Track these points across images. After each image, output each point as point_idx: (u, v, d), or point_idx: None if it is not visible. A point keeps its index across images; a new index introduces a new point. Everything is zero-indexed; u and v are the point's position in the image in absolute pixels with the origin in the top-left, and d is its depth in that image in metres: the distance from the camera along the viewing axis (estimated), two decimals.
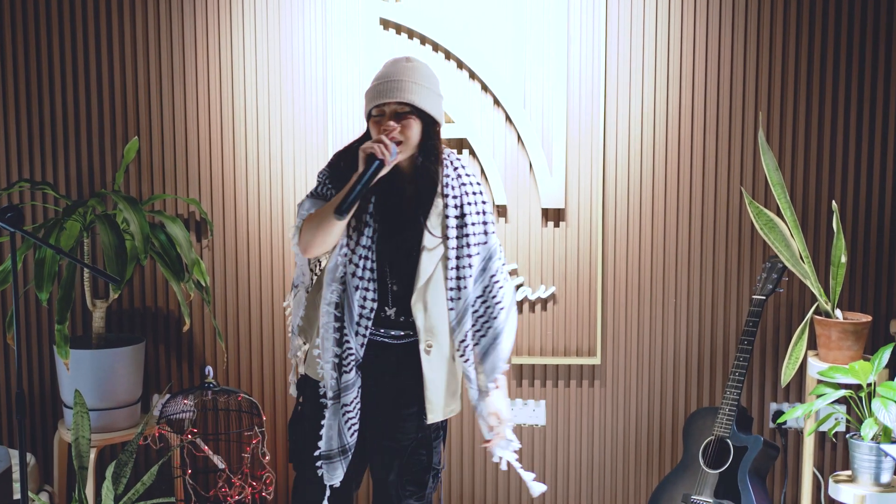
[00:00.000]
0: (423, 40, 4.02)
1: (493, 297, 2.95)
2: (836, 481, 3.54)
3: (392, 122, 2.75)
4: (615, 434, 4.18)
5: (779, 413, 4.07)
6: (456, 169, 2.91)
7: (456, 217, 2.87)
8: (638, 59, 3.99)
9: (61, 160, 4.18)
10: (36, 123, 4.17)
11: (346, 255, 2.83)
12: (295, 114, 4.07)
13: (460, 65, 4.01)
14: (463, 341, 2.93)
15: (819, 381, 3.61)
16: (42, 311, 4.27)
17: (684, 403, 4.14)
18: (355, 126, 4.02)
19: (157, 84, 4.13)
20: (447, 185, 2.86)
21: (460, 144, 4.04)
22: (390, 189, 2.86)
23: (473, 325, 2.97)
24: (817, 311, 3.74)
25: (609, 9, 3.97)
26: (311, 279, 3.04)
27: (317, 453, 2.91)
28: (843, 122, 3.96)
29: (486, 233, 2.94)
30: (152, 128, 4.14)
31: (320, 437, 2.91)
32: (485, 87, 4.02)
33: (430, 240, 2.85)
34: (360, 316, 2.85)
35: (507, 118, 4.02)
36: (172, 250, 3.83)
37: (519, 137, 4.02)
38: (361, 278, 2.83)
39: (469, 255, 2.88)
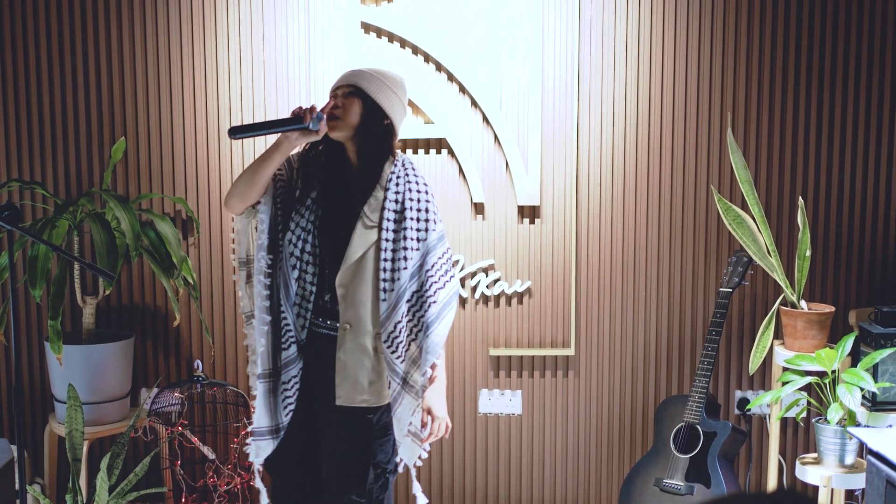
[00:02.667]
0: (404, 43, 4.04)
1: (426, 291, 2.90)
2: (803, 463, 3.61)
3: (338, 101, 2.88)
4: (589, 422, 4.22)
5: (744, 400, 4.14)
6: (405, 169, 2.94)
7: (395, 211, 2.88)
8: (610, 62, 4.04)
9: (49, 160, 4.16)
10: (24, 124, 4.14)
11: (288, 235, 2.91)
12: (279, 115, 4.07)
13: (439, 67, 4.04)
14: (392, 333, 2.88)
15: (785, 369, 3.68)
16: (31, 307, 4.24)
17: (654, 392, 4.20)
18: None
19: (143, 86, 4.12)
20: (392, 179, 2.90)
21: (439, 144, 4.07)
22: (336, 176, 2.94)
23: (410, 320, 2.92)
24: (783, 303, 3.81)
25: (582, 13, 4.01)
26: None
27: (250, 429, 2.97)
28: (807, 121, 4.03)
29: (426, 230, 2.91)
30: (139, 128, 4.13)
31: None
32: (463, 89, 4.05)
33: (364, 224, 2.87)
34: (301, 297, 2.91)
35: (485, 119, 4.06)
36: (162, 247, 3.83)
37: (496, 137, 4.06)
38: (299, 258, 2.89)
39: (405, 248, 2.87)
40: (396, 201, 2.89)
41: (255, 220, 2.96)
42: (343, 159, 2.94)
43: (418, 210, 2.90)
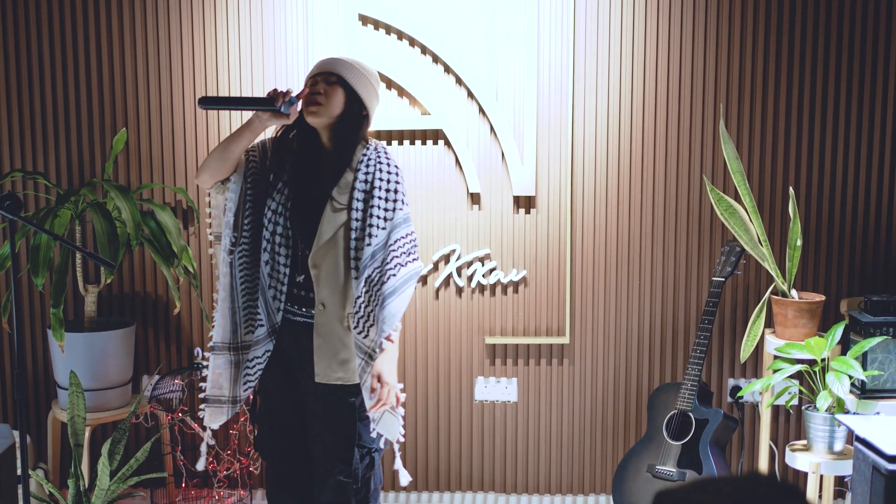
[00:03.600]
0: (401, 35, 4.05)
1: (387, 264, 2.90)
2: (793, 450, 3.63)
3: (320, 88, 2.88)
4: (583, 409, 4.24)
5: (736, 388, 4.16)
6: (378, 152, 2.97)
7: (364, 192, 2.90)
8: (604, 54, 4.05)
9: (52, 150, 4.18)
10: (27, 114, 4.16)
11: (265, 215, 2.93)
12: None
13: (436, 59, 4.05)
14: (356, 311, 2.90)
15: (776, 357, 3.70)
16: (35, 295, 4.26)
17: (648, 379, 4.22)
18: None
19: (144, 77, 4.13)
20: (363, 161, 2.92)
21: (436, 135, 4.08)
22: (308, 160, 2.96)
23: (370, 294, 2.92)
24: (774, 292, 3.83)
25: (577, 5, 4.02)
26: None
27: (202, 395, 3.01)
28: (799, 112, 4.04)
29: (393, 209, 2.94)
30: (140, 119, 4.15)
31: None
32: (459, 81, 4.06)
33: (333, 207, 2.89)
34: (275, 280, 2.93)
35: (481, 110, 4.07)
36: (162, 237, 3.85)
37: (492, 128, 4.07)
38: (269, 241, 2.92)
39: (371, 226, 2.89)
40: (366, 181, 2.91)
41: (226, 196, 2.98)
42: (316, 144, 2.97)
43: (387, 190, 2.92)
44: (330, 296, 2.90)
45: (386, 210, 2.92)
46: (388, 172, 2.94)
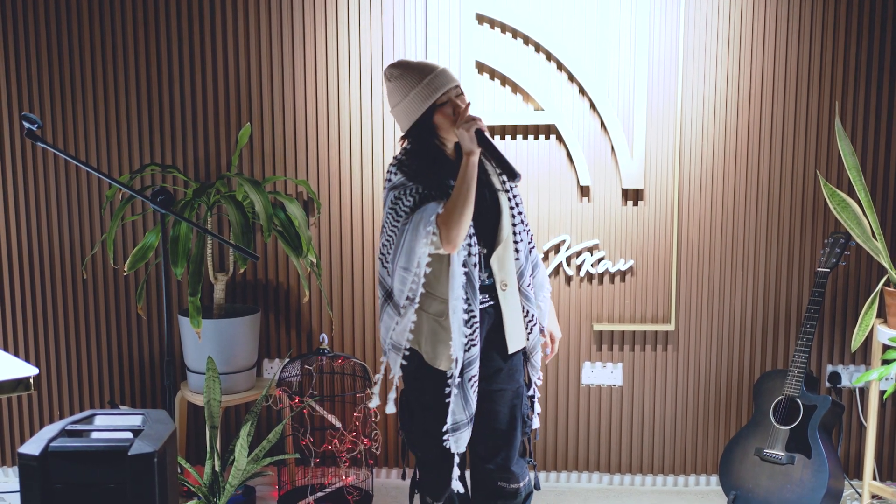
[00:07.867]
0: (516, 34, 4.00)
1: (531, 242, 3.12)
2: None
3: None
4: (687, 394, 4.20)
5: (835, 374, 4.10)
6: None
7: (500, 174, 3.01)
8: (713, 48, 3.97)
9: (180, 145, 4.17)
10: (156, 112, 4.15)
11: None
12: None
13: (549, 56, 4.00)
14: (531, 274, 3.07)
15: (887, 347, 3.63)
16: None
17: (750, 366, 4.16)
18: None
19: (267, 74, 4.11)
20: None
21: (548, 130, 4.03)
22: (453, 165, 2.92)
23: (527, 260, 3.07)
24: (886, 283, 3.75)
25: (687, 3, 3.95)
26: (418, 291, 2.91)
27: (445, 428, 2.90)
28: None
29: (516, 187, 3.08)
30: (263, 114, 4.13)
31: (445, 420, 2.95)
32: (571, 78, 4.01)
33: (502, 192, 2.99)
34: (470, 286, 2.88)
35: (592, 105, 4.01)
36: (291, 228, 3.83)
37: (602, 123, 4.02)
38: (466, 249, 2.86)
39: (520, 203, 3.04)
40: (494, 165, 3.00)
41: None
42: (440, 149, 2.94)
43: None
44: (507, 274, 2.98)
45: (515, 187, 3.07)
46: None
